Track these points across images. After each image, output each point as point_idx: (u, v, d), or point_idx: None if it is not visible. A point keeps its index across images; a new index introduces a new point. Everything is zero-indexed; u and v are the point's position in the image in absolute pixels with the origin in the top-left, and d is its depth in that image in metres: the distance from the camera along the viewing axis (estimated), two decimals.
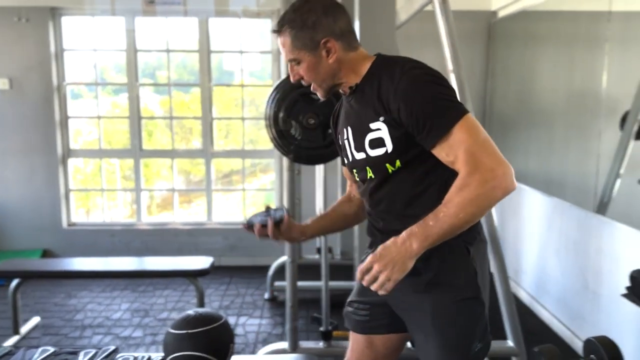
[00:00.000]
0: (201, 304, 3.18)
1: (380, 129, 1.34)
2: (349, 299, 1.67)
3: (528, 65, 4.26)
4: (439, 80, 1.31)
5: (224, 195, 5.16)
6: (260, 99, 4.89)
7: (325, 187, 2.58)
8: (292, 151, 2.18)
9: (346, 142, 1.48)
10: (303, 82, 1.44)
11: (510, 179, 1.23)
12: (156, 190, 5.20)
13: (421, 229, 1.25)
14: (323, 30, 1.37)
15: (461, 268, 1.41)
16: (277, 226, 1.55)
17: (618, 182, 3.13)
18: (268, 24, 4.68)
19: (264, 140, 4.81)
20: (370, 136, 1.37)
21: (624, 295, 1.94)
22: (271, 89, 2.29)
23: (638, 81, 3.18)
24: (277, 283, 3.89)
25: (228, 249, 4.70)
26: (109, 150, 4.98)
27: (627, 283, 1.82)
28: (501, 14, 4.53)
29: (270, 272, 3.93)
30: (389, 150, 1.34)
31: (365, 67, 1.41)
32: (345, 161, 1.53)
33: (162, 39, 4.74)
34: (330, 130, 1.75)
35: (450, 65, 2.47)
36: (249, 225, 1.54)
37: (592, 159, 3.36)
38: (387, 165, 1.37)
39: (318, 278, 3.09)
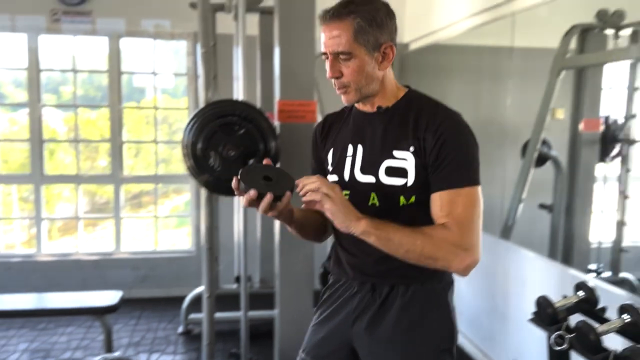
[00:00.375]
0: (108, 342, 2.96)
1: (406, 160, 1.30)
2: (302, 348, 1.52)
3: (438, 96, 4.45)
4: (476, 141, 1.32)
5: (134, 221, 4.90)
6: (174, 117, 4.74)
7: (246, 216, 2.52)
8: (211, 183, 2.10)
9: (349, 159, 1.38)
10: (336, 82, 1.31)
11: (469, 268, 1.29)
12: (58, 219, 4.84)
13: (381, 222, 1.26)
14: (388, 33, 1.30)
15: (442, 317, 1.39)
16: (275, 200, 1.25)
17: (521, 206, 3.33)
18: (183, 46, 4.55)
19: (177, 159, 4.65)
20: (391, 163, 1.32)
21: (531, 320, 2.04)
22: (189, 117, 2.22)
23: (536, 112, 3.44)
24: (191, 315, 3.73)
25: (139, 281, 4.45)
26: (4, 176, 4.58)
27: (533, 305, 1.91)
28: (413, 46, 4.72)
29: (185, 304, 3.76)
30: (409, 183, 1.30)
31: (400, 92, 1.38)
32: (336, 178, 1.41)
33: (69, 57, 4.47)
34: (252, 161, 1.68)
35: None
36: (240, 187, 1.26)
37: (498, 186, 3.55)
38: (401, 197, 1.31)
39: (236, 308, 3.00)
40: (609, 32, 3.45)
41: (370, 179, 1.34)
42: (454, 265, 1.28)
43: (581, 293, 1.91)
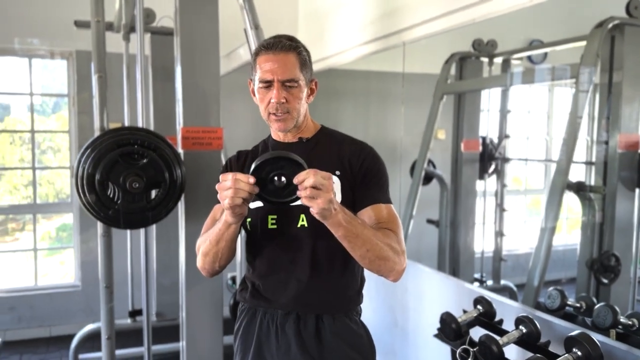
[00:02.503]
0: None
1: (333, 182, 1.29)
2: None
3: (332, 118, 4.58)
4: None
5: (4, 255, 4.41)
6: (42, 137, 4.35)
7: (146, 247, 2.38)
8: (110, 217, 1.96)
9: None
10: (279, 107, 1.36)
11: (402, 273, 1.37)
12: None
13: (352, 217, 1.26)
14: (312, 70, 1.45)
15: (369, 344, 1.52)
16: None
17: (412, 222, 3.51)
18: (64, 65, 4.24)
19: (47, 182, 4.29)
20: None
21: (436, 336, 2.15)
22: (84, 145, 2.05)
23: (422, 134, 3.66)
24: (82, 356, 3.43)
25: (16, 321, 4.02)
26: None
27: (431, 318, 2.01)
28: None
29: (74, 343, 3.45)
30: None
31: (315, 126, 1.50)
32: (261, 203, 1.37)
33: None
34: (158, 191, 1.60)
35: None
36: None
37: (393, 203, 3.71)
38: None
39: (131, 343, 2.82)
40: (485, 59, 3.79)
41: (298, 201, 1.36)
42: (396, 268, 1.34)
43: (480, 307, 2.06)
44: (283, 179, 1.21)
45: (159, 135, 2.13)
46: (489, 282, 3.92)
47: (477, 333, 1.93)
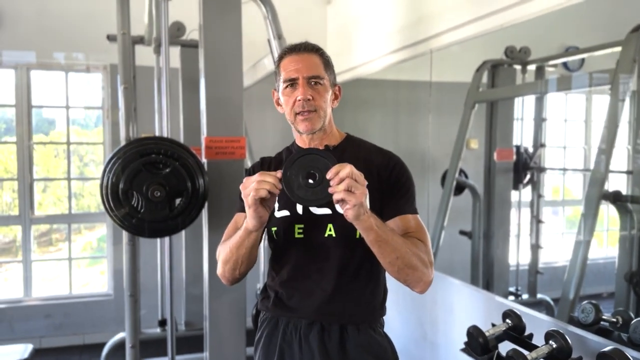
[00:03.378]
0: None
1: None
2: None
3: (361, 128, 4.55)
4: None
5: (44, 263, 4.55)
6: (84, 150, 4.50)
7: (171, 256, 2.40)
8: (134, 225, 1.98)
9: None
10: (305, 105, 1.35)
11: (430, 284, 1.34)
12: None
13: (382, 222, 1.25)
14: (335, 76, 1.46)
15: (393, 353, 1.48)
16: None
17: (443, 233, 3.43)
18: (98, 79, 4.36)
19: (89, 194, 4.40)
20: None
21: (463, 350, 2.08)
22: (108, 154, 2.09)
23: (453, 143, 3.59)
24: None
25: (52, 329, 4.12)
26: None
27: (460, 332, 1.95)
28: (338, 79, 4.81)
29: (105, 351, 3.51)
30: None
31: (340, 134, 1.48)
32: (288, 213, 1.38)
33: None
34: (181, 200, 1.61)
35: None
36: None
37: (422, 214, 3.65)
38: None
39: (161, 353, 2.83)
40: (517, 67, 3.70)
41: (326, 210, 1.35)
42: (424, 279, 1.31)
43: (509, 321, 1.98)
44: (311, 179, 1.16)
45: (182, 145, 2.15)
46: (525, 296, 3.79)
47: (505, 348, 1.86)
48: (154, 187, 1.92)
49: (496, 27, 2.45)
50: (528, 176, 3.91)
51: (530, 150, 3.90)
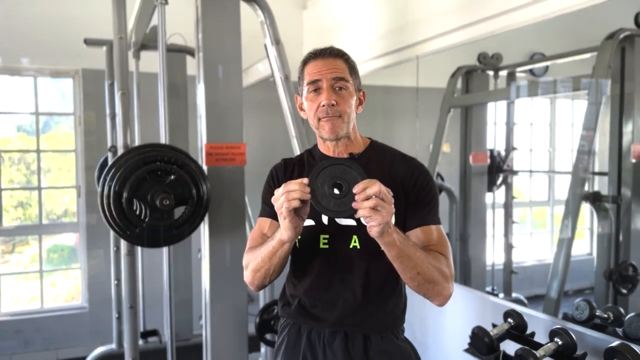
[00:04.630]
0: None
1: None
2: None
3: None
4: None
5: (13, 277, 4.33)
6: (31, 157, 4.32)
7: (169, 264, 2.34)
8: (138, 235, 1.93)
9: None
10: (329, 110, 1.33)
11: (449, 298, 1.34)
12: None
13: (404, 236, 1.24)
14: (360, 81, 1.43)
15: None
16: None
17: None
18: (69, 84, 4.20)
19: (55, 202, 4.23)
20: None
21: (466, 350, 2.12)
22: (100, 161, 2.03)
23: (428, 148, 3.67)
24: None
25: (22, 345, 3.93)
26: None
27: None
28: None
29: None
30: None
31: (364, 140, 1.45)
32: (313, 222, 1.37)
33: None
34: (185, 208, 1.58)
35: (292, 131, 2.46)
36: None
37: None
38: None
39: None
40: (490, 73, 3.82)
41: (350, 222, 1.35)
42: (444, 293, 1.31)
43: (510, 320, 2.04)
44: (337, 189, 1.16)
45: (183, 151, 2.12)
46: (501, 295, 3.90)
47: (505, 347, 1.92)
48: (163, 195, 1.88)
49: (485, 34, 2.53)
50: (501, 178, 4.04)
51: (503, 153, 4.04)
